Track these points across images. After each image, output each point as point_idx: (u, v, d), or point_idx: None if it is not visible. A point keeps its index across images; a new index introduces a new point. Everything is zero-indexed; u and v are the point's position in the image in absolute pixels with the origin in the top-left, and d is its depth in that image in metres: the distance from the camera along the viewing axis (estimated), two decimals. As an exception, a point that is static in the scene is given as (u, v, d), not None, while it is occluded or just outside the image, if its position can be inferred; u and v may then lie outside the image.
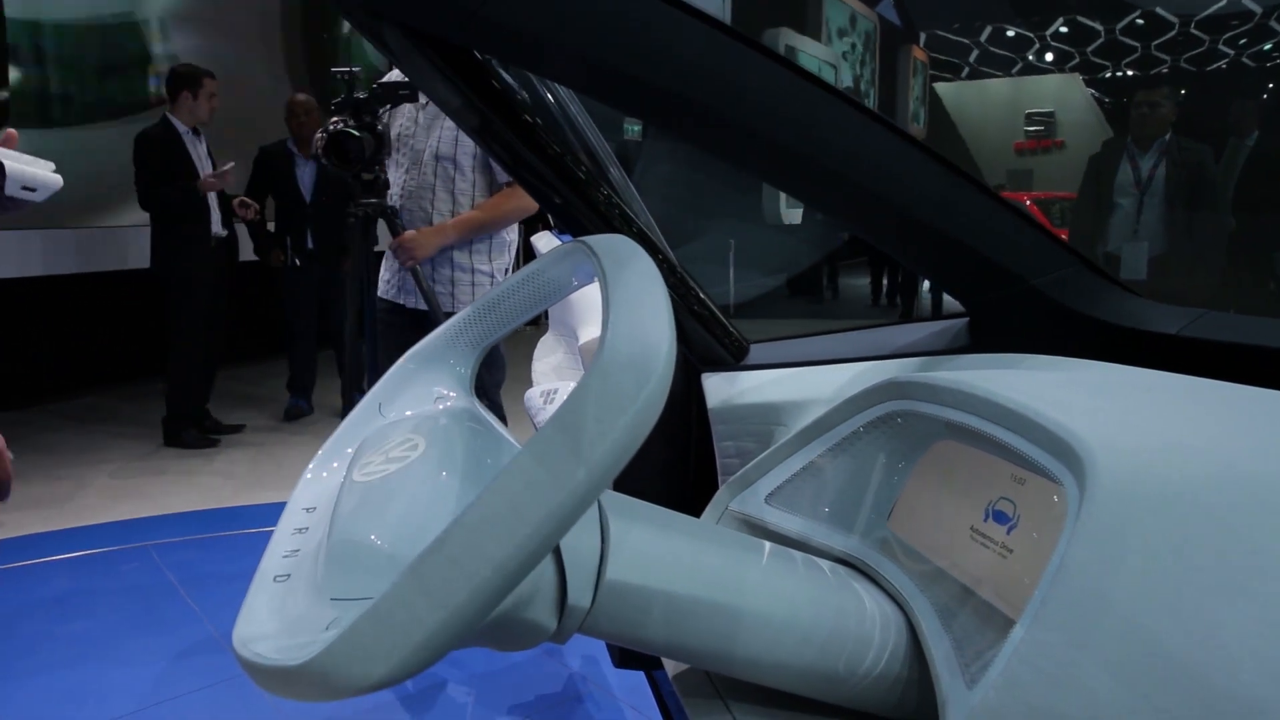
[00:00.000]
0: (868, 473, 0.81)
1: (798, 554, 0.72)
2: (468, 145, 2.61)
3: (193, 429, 4.54)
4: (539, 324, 3.14)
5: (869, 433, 0.80)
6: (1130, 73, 16.85)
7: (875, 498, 0.80)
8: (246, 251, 4.82)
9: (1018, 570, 0.64)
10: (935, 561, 0.72)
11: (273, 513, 3.39)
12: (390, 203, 2.61)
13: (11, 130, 1.16)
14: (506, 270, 2.78)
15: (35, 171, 1.15)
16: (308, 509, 0.69)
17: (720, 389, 1.05)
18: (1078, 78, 16.59)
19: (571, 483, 0.48)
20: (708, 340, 1.07)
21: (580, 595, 0.59)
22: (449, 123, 2.60)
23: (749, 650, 0.64)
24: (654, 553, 0.63)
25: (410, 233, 2.56)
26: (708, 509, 0.87)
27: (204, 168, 4.34)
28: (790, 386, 1.00)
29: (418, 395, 0.81)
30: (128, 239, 5.31)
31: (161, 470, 4.19)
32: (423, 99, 2.62)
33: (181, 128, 4.28)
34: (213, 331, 4.48)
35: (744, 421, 1.02)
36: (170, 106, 4.29)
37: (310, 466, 0.76)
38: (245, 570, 0.63)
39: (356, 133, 2.50)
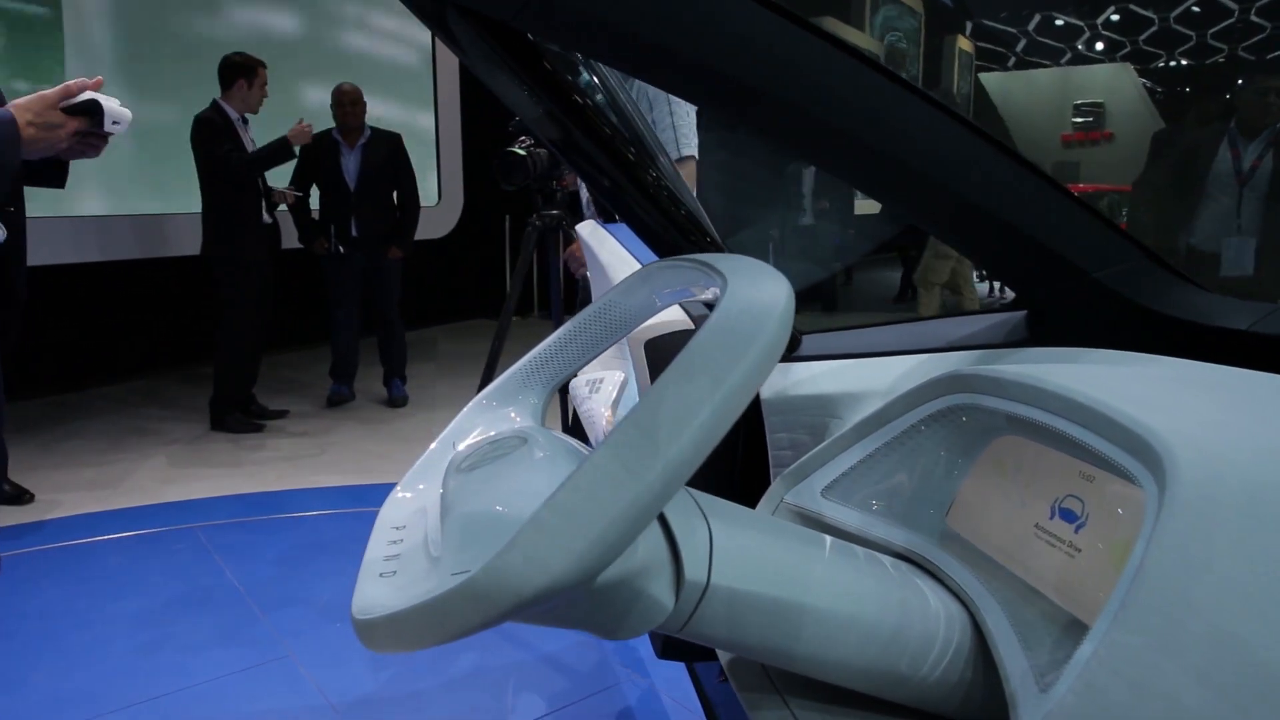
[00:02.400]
0: (927, 467, 0.79)
1: (859, 548, 0.71)
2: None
3: (238, 414, 4.62)
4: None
5: (929, 426, 0.79)
6: (1185, 62, 16.42)
7: (934, 493, 0.79)
8: (290, 239, 4.88)
9: (1088, 570, 0.63)
10: (998, 559, 0.71)
11: (315, 497, 3.47)
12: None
13: (99, 77, 1.34)
14: None
15: (117, 106, 1.31)
16: (398, 527, 0.71)
17: (773, 380, 1.04)
18: (1129, 67, 16.20)
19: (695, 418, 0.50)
20: None
21: (696, 570, 0.60)
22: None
23: (811, 646, 0.63)
24: (732, 548, 0.63)
25: (576, 244, 2.66)
26: (762, 501, 0.86)
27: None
28: (844, 378, 0.98)
29: (491, 428, 0.82)
30: (180, 225, 5.41)
31: (209, 454, 4.27)
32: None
33: (233, 115, 4.35)
34: (260, 317, 4.55)
35: (797, 413, 1.00)
36: (224, 94, 4.35)
37: (395, 492, 0.77)
38: (288, 553, 0.64)
39: (520, 152, 2.65)
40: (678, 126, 2.59)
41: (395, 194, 5.00)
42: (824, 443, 0.83)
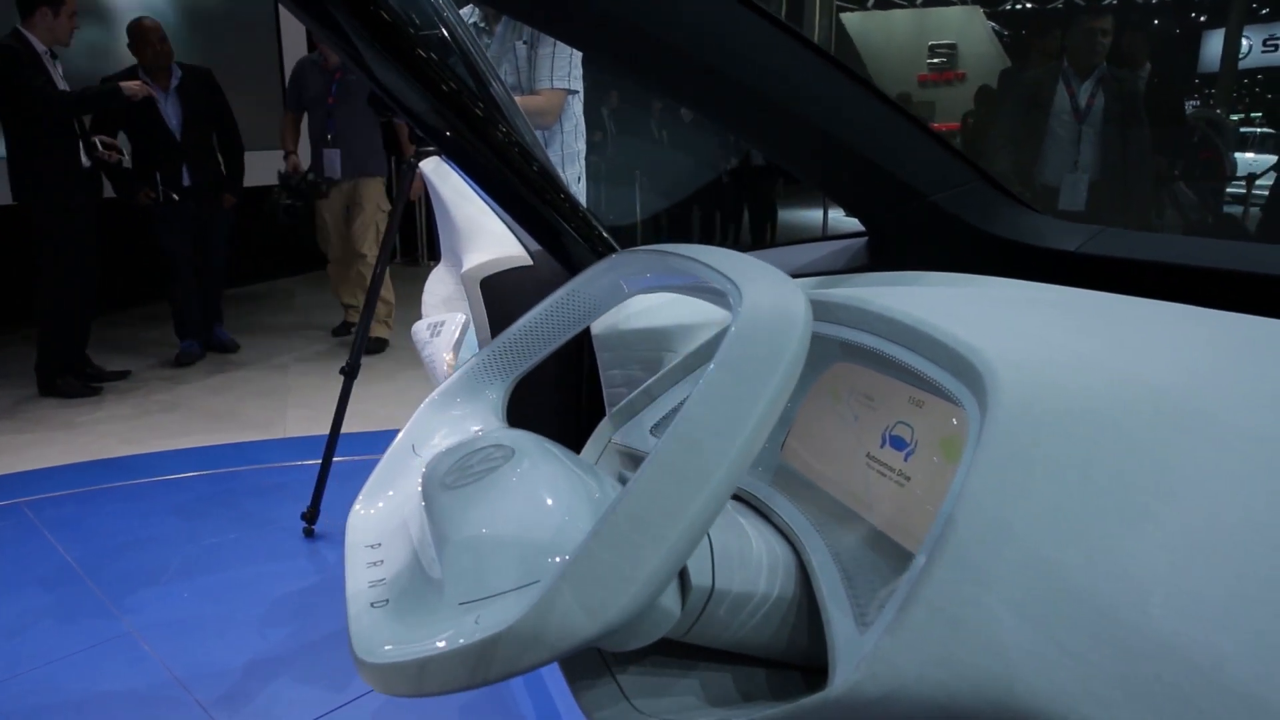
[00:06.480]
0: None
1: None
2: (525, 66, 2.78)
3: (70, 376, 4.26)
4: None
5: None
6: (1028, 5, 17.12)
7: None
8: (107, 189, 4.49)
9: (916, 500, 0.60)
10: (830, 492, 0.68)
11: (160, 462, 3.21)
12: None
13: None
14: (579, 179, 2.94)
15: None
16: (373, 545, 0.67)
17: (605, 316, 0.98)
18: (979, 10, 16.77)
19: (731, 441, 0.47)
20: (591, 262, 1.00)
21: (701, 575, 0.58)
22: (516, 52, 2.80)
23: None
24: (730, 547, 0.62)
25: None
26: (589, 442, 0.81)
27: (64, 93, 3.99)
28: (679, 310, 0.94)
29: (453, 430, 0.78)
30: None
31: (38, 421, 3.93)
32: (488, 39, 2.81)
33: (40, 47, 3.91)
34: (88, 270, 4.18)
35: (630, 348, 0.96)
36: (25, 22, 3.90)
37: (355, 507, 0.73)
38: (130, 523, 0.56)
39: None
40: (555, 56, 2.78)
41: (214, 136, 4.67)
42: (653, 378, 0.79)
